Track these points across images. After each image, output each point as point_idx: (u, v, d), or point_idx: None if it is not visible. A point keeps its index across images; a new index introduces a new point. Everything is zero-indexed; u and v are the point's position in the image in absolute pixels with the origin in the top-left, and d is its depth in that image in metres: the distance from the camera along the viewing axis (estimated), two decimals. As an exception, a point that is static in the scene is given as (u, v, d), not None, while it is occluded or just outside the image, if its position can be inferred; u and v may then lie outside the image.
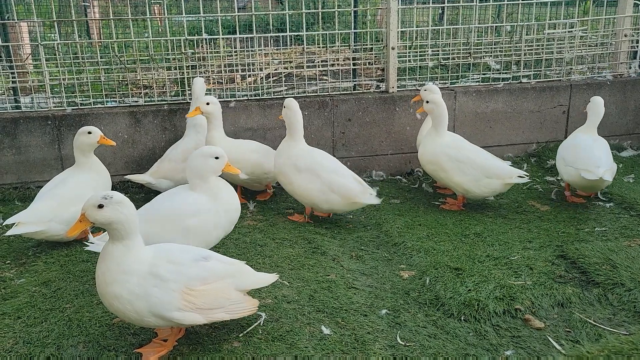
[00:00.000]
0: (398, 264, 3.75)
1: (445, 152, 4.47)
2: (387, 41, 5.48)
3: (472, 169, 4.42)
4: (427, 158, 4.59)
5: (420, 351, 2.79)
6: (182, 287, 2.58)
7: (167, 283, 2.56)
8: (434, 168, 4.56)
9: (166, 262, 2.61)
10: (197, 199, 3.39)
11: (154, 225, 3.29)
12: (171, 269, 2.59)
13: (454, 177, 4.46)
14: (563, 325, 3.02)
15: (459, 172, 4.44)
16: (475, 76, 5.98)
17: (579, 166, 4.36)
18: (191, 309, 2.60)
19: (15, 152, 5.01)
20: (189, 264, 2.65)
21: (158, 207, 3.43)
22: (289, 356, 2.70)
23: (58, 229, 3.79)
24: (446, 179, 4.53)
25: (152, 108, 5.21)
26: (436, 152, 4.51)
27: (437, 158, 4.51)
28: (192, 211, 3.34)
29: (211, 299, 2.65)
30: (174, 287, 2.57)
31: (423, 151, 4.62)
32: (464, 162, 4.43)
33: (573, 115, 5.96)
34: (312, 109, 5.40)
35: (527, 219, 4.39)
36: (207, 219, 3.36)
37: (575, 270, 3.55)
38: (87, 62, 5.36)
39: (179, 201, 3.41)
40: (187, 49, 5.39)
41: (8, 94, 5.36)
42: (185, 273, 2.61)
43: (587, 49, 6.29)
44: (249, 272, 2.89)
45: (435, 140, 4.54)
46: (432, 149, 4.53)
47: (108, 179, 4.17)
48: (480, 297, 3.19)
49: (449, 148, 4.49)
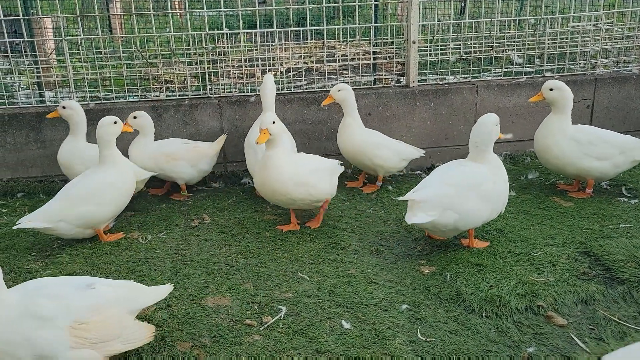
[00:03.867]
0: (418, 259, 3.74)
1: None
2: (408, 35, 5.44)
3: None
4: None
5: (441, 347, 2.78)
6: (71, 322, 2.34)
7: (52, 321, 2.31)
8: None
9: (44, 298, 2.36)
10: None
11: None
12: (51, 305, 2.34)
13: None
14: (587, 322, 2.98)
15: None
16: (497, 70, 5.90)
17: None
18: (84, 345, 2.35)
19: (40, 146, 5.09)
20: (71, 296, 2.41)
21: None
22: (310, 350, 2.71)
23: (67, 228, 3.76)
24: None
25: (173, 102, 5.25)
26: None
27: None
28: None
29: (105, 330, 2.41)
30: (60, 324, 2.32)
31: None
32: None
33: (597, 110, 5.86)
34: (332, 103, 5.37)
35: (549, 215, 4.33)
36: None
37: (599, 267, 3.50)
38: (109, 57, 5.42)
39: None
40: (208, 43, 5.42)
41: (33, 89, 5.45)
42: (71, 306, 2.37)
43: (613, 42, 6.17)
44: (141, 290, 2.68)
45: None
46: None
47: (131, 178, 4.06)
48: (502, 293, 3.16)
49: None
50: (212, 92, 5.38)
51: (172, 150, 4.72)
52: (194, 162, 4.77)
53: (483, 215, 3.62)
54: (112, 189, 3.88)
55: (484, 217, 3.62)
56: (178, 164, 4.72)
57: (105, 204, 3.84)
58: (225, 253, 3.79)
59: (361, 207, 4.66)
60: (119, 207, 3.98)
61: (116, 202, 3.92)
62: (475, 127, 3.67)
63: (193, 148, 4.79)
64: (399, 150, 4.91)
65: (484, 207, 3.58)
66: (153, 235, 4.10)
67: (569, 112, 4.54)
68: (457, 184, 3.54)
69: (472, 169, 3.64)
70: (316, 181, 4.00)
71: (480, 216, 3.60)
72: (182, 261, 3.67)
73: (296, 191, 3.92)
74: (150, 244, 3.95)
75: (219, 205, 4.71)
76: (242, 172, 5.36)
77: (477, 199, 3.55)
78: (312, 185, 3.97)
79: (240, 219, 4.40)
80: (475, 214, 3.57)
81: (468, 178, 3.58)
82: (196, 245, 3.93)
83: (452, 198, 3.49)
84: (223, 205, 4.71)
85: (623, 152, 4.48)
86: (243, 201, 4.81)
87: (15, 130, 5.03)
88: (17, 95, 5.30)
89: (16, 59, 5.43)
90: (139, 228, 4.26)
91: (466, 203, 3.51)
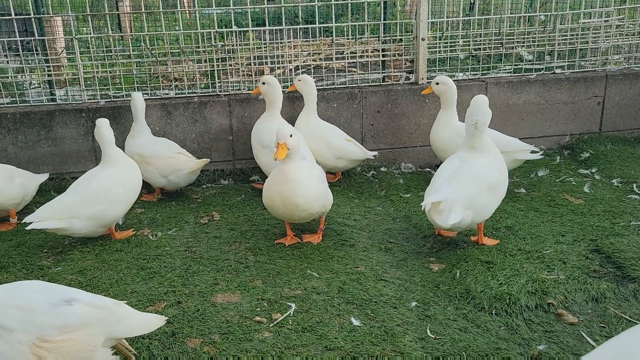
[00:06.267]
0: (427, 256, 3.73)
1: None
2: (417, 32, 5.42)
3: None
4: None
5: (451, 344, 2.77)
6: (33, 338, 2.16)
7: (13, 334, 2.15)
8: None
9: (13, 307, 2.20)
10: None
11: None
12: (18, 316, 2.18)
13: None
14: (597, 320, 2.97)
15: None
16: (507, 67, 5.87)
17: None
18: None
19: (51, 143, 5.13)
20: (43, 310, 2.22)
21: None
22: (319, 346, 2.72)
23: (80, 227, 3.76)
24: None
25: (182, 100, 5.27)
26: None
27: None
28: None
29: (67, 353, 2.20)
30: (21, 339, 2.15)
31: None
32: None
33: (609, 107, 5.81)
34: (340, 101, 5.39)
35: (560, 213, 4.31)
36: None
37: (610, 265, 3.48)
38: (119, 56, 5.45)
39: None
40: (217, 41, 5.43)
41: (44, 87, 5.49)
42: (36, 321, 2.19)
43: (624, 38, 6.12)
44: (127, 316, 2.41)
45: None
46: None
47: (138, 175, 4.08)
48: (512, 290, 3.15)
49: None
50: (221, 89, 5.40)
51: (147, 153, 4.63)
52: (164, 172, 4.63)
53: (494, 207, 3.67)
54: (123, 188, 3.91)
55: (494, 208, 3.68)
56: (148, 169, 4.62)
57: (117, 202, 3.87)
58: (235, 250, 3.81)
59: (370, 204, 4.66)
60: (129, 205, 4.00)
61: (127, 200, 3.95)
62: (476, 107, 3.63)
63: (168, 158, 4.63)
64: (334, 147, 4.91)
65: (492, 198, 3.63)
66: (163, 233, 4.12)
67: (454, 107, 4.75)
68: (471, 181, 3.54)
69: (477, 162, 3.63)
70: (326, 191, 3.86)
71: (492, 208, 3.66)
72: (192, 258, 3.69)
73: (316, 204, 3.70)
74: (160, 241, 3.97)
75: (228, 203, 4.73)
76: (251, 170, 5.37)
77: (488, 192, 3.58)
78: (325, 196, 3.81)
79: (249, 216, 4.42)
80: (488, 207, 3.61)
81: (479, 173, 3.58)
82: (206, 243, 3.94)
83: (471, 195, 3.50)
84: (232, 203, 4.73)
85: (505, 152, 4.37)
86: (252, 199, 4.83)
87: (27, 128, 5.07)
88: (28, 94, 5.34)
89: (27, 58, 5.47)
90: (149, 225, 4.29)
91: (481, 198, 3.54)
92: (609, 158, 5.34)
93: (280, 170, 3.63)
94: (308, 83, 4.92)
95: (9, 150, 5.07)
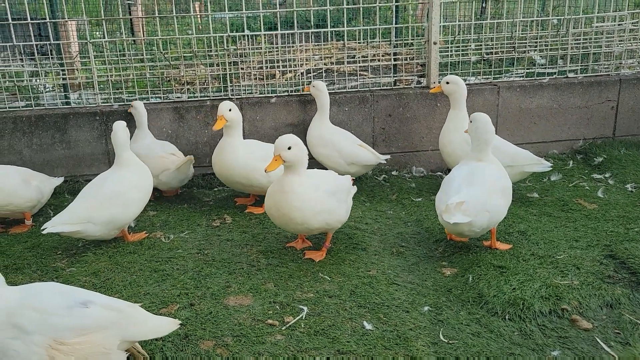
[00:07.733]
0: (440, 260, 3.72)
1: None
2: (428, 36, 5.42)
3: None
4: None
5: (464, 349, 2.76)
6: (49, 340, 2.18)
7: (29, 336, 2.16)
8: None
9: (31, 309, 2.22)
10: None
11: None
12: (35, 318, 2.19)
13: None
14: (612, 326, 2.94)
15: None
16: (519, 71, 5.85)
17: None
18: None
19: (65, 146, 5.18)
20: (59, 312, 2.25)
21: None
22: (331, 350, 2.72)
23: (94, 230, 3.78)
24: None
25: (194, 104, 5.30)
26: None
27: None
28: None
29: (84, 356, 2.21)
30: (37, 341, 2.16)
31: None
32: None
33: (622, 111, 5.77)
34: (352, 105, 5.39)
35: (573, 218, 4.28)
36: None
37: (624, 271, 3.44)
38: (132, 59, 5.50)
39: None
40: (229, 45, 5.46)
41: (58, 90, 5.55)
42: (53, 323, 2.21)
43: (638, 42, 6.07)
44: (141, 319, 2.43)
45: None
46: None
47: (150, 178, 4.11)
48: (525, 296, 3.13)
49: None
50: (233, 93, 5.43)
51: (141, 152, 4.61)
52: (155, 172, 4.60)
53: (505, 211, 3.67)
54: (137, 190, 3.94)
55: (505, 212, 3.68)
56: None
57: (131, 204, 3.89)
58: (247, 253, 3.82)
59: (382, 208, 4.66)
60: (141, 208, 4.03)
61: (140, 203, 3.98)
62: (483, 125, 3.68)
63: (159, 157, 4.69)
64: (346, 153, 4.95)
65: (504, 202, 3.65)
66: (175, 235, 4.14)
67: (464, 108, 4.71)
68: (485, 184, 3.55)
69: (488, 168, 3.67)
70: (335, 206, 3.60)
71: (504, 212, 3.66)
72: (204, 261, 3.71)
73: (315, 219, 3.49)
74: (173, 244, 3.99)
75: (240, 206, 4.74)
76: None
77: (500, 196, 3.60)
78: (331, 212, 3.56)
79: (260, 219, 4.43)
80: (501, 210, 3.61)
81: (492, 178, 3.61)
82: (218, 245, 3.96)
83: (486, 199, 3.50)
84: (243, 206, 4.74)
85: (514, 162, 4.47)
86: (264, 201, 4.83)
87: (42, 132, 5.12)
88: (43, 97, 5.40)
89: (42, 62, 5.53)
90: (162, 228, 4.31)
91: (494, 201, 3.54)
92: (623, 163, 5.30)
93: (280, 179, 3.53)
94: (320, 90, 4.93)
95: (24, 153, 5.12)
